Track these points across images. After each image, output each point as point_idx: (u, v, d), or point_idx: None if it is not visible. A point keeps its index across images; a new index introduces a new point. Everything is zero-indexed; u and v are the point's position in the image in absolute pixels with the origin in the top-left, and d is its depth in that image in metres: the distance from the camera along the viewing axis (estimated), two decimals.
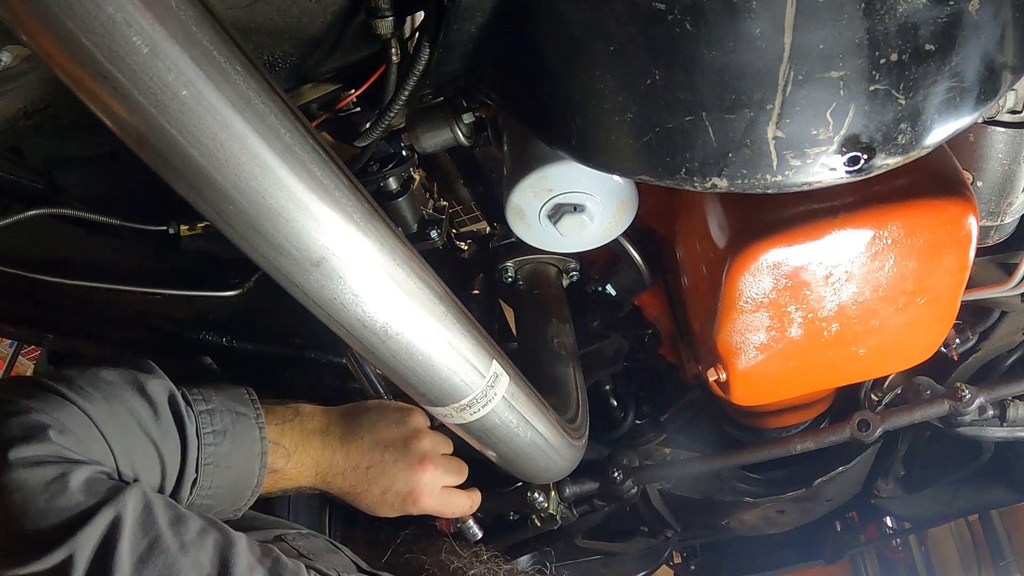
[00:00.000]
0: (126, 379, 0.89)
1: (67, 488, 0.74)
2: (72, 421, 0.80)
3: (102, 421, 0.82)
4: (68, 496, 0.73)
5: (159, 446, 0.86)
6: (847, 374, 1.31)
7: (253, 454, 0.97)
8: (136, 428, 0.85)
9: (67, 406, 0.81)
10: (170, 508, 0.80)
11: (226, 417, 0.95)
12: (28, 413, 0.78)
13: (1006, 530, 3.34)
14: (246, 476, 0.96)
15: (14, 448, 0.74)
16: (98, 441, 0.81)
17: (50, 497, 0.72)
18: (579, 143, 0.86)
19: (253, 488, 0.98)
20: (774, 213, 1.04)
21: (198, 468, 0.91)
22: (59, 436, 0.77)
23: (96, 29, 0.56)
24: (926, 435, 1.92)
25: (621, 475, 1.49)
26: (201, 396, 0.95)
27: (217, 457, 0.92)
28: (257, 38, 0.90)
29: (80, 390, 0.83)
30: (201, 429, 0.92)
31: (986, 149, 1.12)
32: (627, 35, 0.76)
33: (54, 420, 0.78)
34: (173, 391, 0.91)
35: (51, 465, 0.75)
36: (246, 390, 1.01)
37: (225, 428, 0.94)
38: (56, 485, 0.73)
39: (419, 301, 0.82)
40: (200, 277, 1.21)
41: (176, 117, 0.61)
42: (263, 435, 0.98)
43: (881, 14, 0.72)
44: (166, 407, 0.89)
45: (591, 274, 1.54)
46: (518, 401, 1.00)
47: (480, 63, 0.93)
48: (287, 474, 1.03)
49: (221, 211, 0.68)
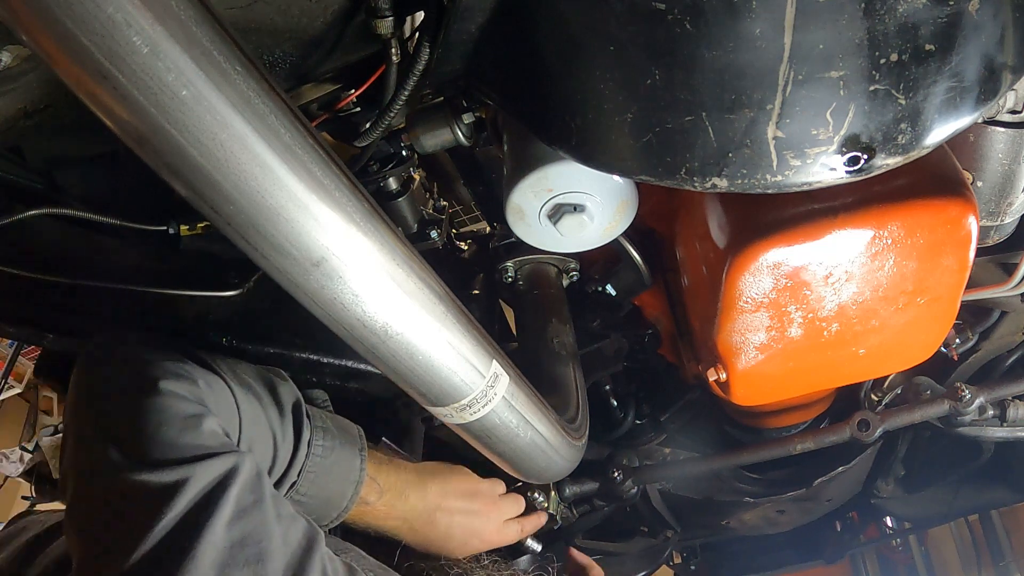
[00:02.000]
0: (262, 376, 1.00)
1: (200, 428, 0.81)
2: (216, 386, 0.90)
3: (240, 399, 0.92)
4: (198, 434, 0.80)
5: (276, 439, 0.95)
6: (847, 374, 1.31)
7: (349, 479, 1.05)
8: (263, 417, 0.95)
9: (215, 377, 0.91)
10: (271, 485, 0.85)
11: (336, 439, 1.04)
12: (183, 363, 0.88)
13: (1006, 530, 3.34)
14: (337, 497, 1.04)
15: (166, 380, 0.83)
16: (233, 411, 0.91)
17: (184, 428, 0.79)
18: (579, 143, 0.86)
19: (340, 510, 1.05)
20: (774, 213, 1.04)
21: (300, 473, 0.99)
22: (206, 388, 0.87)
23: (96, 29, 0.56)
24: (926, 435, 1.92)
25: (621, 475, 1.49)
26: (319, 415, 1.06)
27: (319, 469, 1.00)
28: (257, 38, 0.90)
29: (224, 370, 0.94)
30: (314, 440, 1.00)
31: (986, 149, 1.12)
32: (627, 35, 0.76)
33: (203, 376, 0.89)
34: (299, 400, 1.01)
35: (193, 404, 0.83)
36: (357, 427, 1.11)
37: (333, 447, 1.03)
38: (192, 421, 0.81)
39: (419, 301, 0.82)
40: (200, 277, 1.21)
41: (176, 117, 0.61)
42: (362, 466, 1.06)
43: (881, 14, 0.72)
44: (290, 411, 0.99)
45: (591, 274, 1.54)
46: (518, 401, 1.00)
47: (480, 63, 0.93)
48: (376, 510, 1.11)
49: (221, 211, 0.68)
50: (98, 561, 0.72)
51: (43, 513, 1.17)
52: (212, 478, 0.76)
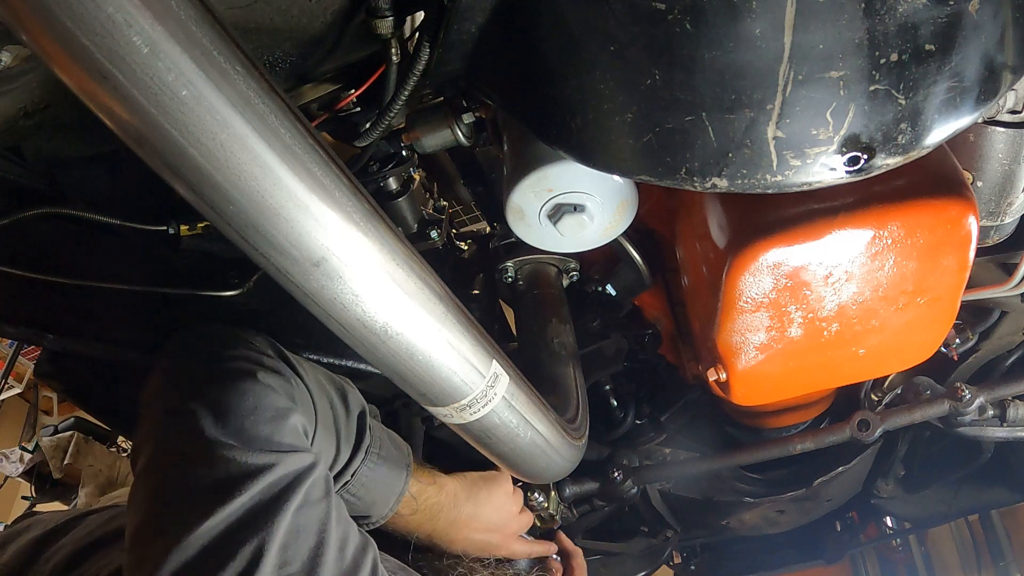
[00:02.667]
0: (333, 381, 1.06)
1: (288, 422, 0.86)
2: (299, 385, 0.96)
3: (316, 401, 0.97)
4: (287, 427, 0.85)
5: (340, 442, 1.01)
6: (847, 374, 1.31)
7: (394, 489, 1.11)
8: (331, 418, 1.00)
9: (296, 379, 0.96)
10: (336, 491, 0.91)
11: (390, 451, 1.11)
12: (275, 359, 0.95)
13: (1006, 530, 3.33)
14: (382, 503, 1.10)
15: (263, 371, 0.89)
16: (310, 411, 0.96)
17: (275, 418, 0.85)
18: (579, 143, 0.86)
19: (380, 517, 1.11)
20: (774, 213, 1.04)
21: (354, 475, 1.04)
22: (296, 386, 0.94)
23: (96, 29, 0.56)
24: (926, 435, 1.92)
25: (621, 475, 1.50)
26: (378, 427, 1.12)
27: (371, 474, 1.06)
28: (257, 38, 0.90)
29: (303, 370, 0.99)
30: (371, 448, 1.07)
31: (986, 149, 1.12)
32: (627, 35, 0.76)
33: (291, 375, 0.95)
34: (365, 409, 1.08)
35: (284, 398, 0.89)
36: (407, 445, 1.17)
37: (386, 457, 1.09)
38: (282, 414, 0.86)
39: (419, 301, 0.82)
40: (200, 277, 1.21)
41: (176, 117, 0.61)
42: (407, 481, 1.13)
43: (881, 14, 0.72)
44: (355, 417, 1.05)
45: (591, 274, 1.54)
46: (518, 401, 1.00)
47: (480, 63, 0.93)
48: (407, 521, 1.17)
49: (221, 211, 0.68)
50: (173, 519, 0.75)
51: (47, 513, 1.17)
52: (292, 469, 0.81)
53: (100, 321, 1.16)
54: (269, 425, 0.84)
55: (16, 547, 1.03)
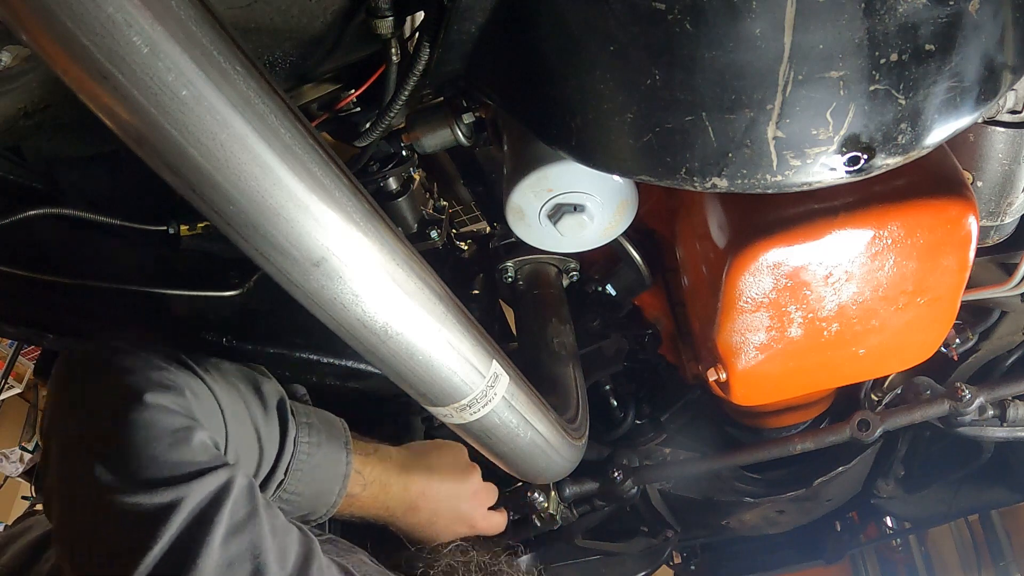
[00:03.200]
0: (245, 375, 0.97)
1: (190, 442, 0.78)
2: (201, 393, 0.87)
3: (224, 403, 0.89)
4: (189, 449, 0.77)
5: (262, 440, 0.93)
6: (847, 374, 1.31)
7: (337, 474, 1.03)
8: (247, 418, 0.93)
9: (198, 380, 0.88)
10: (263, 496, 0.84)
11: (321, 434, 1.02)
12: (167, 371, 0.85)
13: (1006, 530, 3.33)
14: (326, 492, 1.03)
15: (151, 392, 0.80)
16: (218, 418, 0.88)
17: (174, 443, 0.77)
18: (579, 143, 0.86)
19: (329, 506, 1.04)
20: (774, 213, 1.04)
21: (287, 471, 0.97)
22: (192, 398, 0.84)
23: (96, 29, 0.56)
24: (926, 435, 1.92)
25: (621, 475, 1.49)
26: (302, 410, 1.03)
27: (306, 466, 0.99)
28: (257, 38, 0.90)
29: (207, 371, 0.90)
30: (299, 437, 0.98)
31: (986, 149, 1.12)
32: (627, 35, 0.76)
33: (188, 385, 0.85)
34: (283, 397, 0.99)
35: (180, 417, 0.81)
36: (340, 420, 1.09)
37: (319, 442, 1.01)
38: (181, 435, 0.78)
39: (419, 301, 0.82)
40: (200, 277, 1.21)
41: (176, 117, 0.61)
42: (349, 460, 1.05)
43: (881, 14, 0.72)
44: (275, 408, 0.97)
45: (591, 274, 1.54)
46: (518, 401, 1.00)
47: (480, 63, 0.93)
48: (361, 501, 1.10)
49: (221, 211, 0.68)
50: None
51: None
52: (205, 495, 0.74)
53: (100, 321, 1.16)
54: (168, 453, 0.76)
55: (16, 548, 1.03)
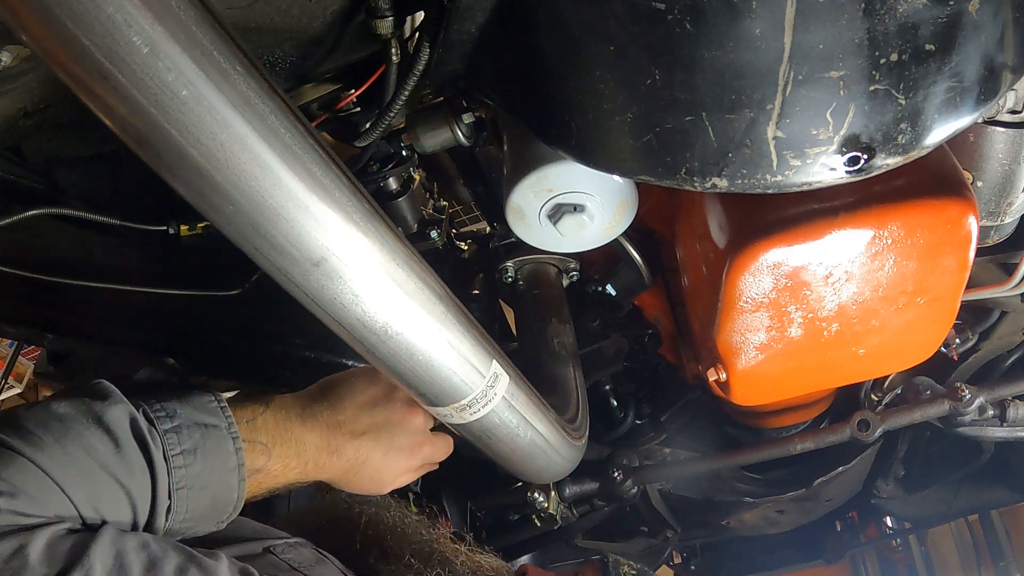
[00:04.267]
0: (80, 411, 0.81)
1: (27, 563, 0.68)
2: (22, 478, 0.73)
3: (56, 469, 0.75)
4: (29, 571, 0.67)
5: (124, 482, 0.80)
6: (847, 374, 1.31)
7: (228, 468, 0.89)
8: (96, 468, 0.78)
9: (16, 460, 0.73)
10: (143, 550, 0.75)
11: (195, 433, 0.87)
12: None
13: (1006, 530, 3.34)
14: (224, 492, 0.90)
15: None
16: (55, 493, 0.75)
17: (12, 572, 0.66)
18: (579, 143, 0.86)
19: (234, 502, 0.92)
20: (774, 213, 1.04)
21: (171, 494, 0.84)
22: (9, 501, 0.71)
23: (96, 29, 0.56)
24: (926, 435, 1.92)
25: (621, 475, 1.49)
26: (165, 412, 0.87)
27: (190, 479, 0.85)
28: (257, 38, 0.90)
29: (29, 436, 0.75)
30: (169, 451, 0.84)
31: (986, 149, 1.12)
32: (627, 35, 0.76)
33: (2, 483, 0.71)
34: (134, 415, 0.83)
35: (5, 538, 0.68)
36: (213, 396, 0.92)
37: (195, 445, 0.87)
38: (15, 562, 0.67)
39: (419, 301, 0.82)
40: (200, 277, 1.21)
41: (176, 117, 0.61)
42: (238, 446, 0.90)
43: (881, 14, 0.72)
44: (128, 435, 0.81)
45: (591, 274, 1.54)
46: (518, 401, 1.00)
47: (480, 63, 0.93)
48: (271, 471, 0.96)
49: (221, 211, 0.68)
50: None
51: None
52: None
53: (100, 321, 1.16)
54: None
55: None
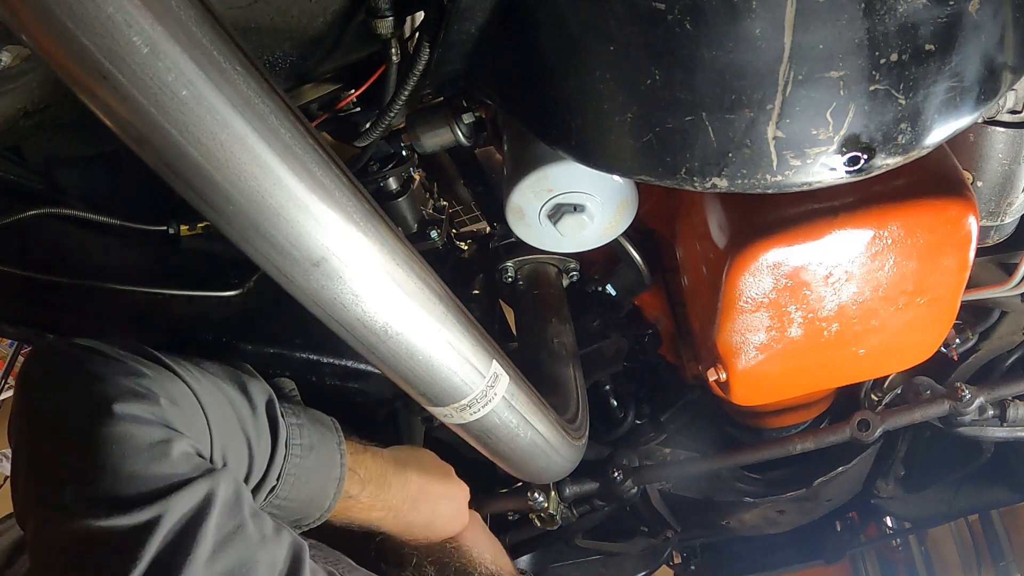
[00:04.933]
0: (230, 374, 0.91)
1: (169, 454, 0.73)
2: (181, 397, 0.81)
3: (208, 405, 0.83)
4: (168, 462, 0.72)
5: (252, 444, 0.88)
6: (847, 374, 1.31)
7: (331, 476, 0.98)
8: (235, 421, 0.87)
9: (177, 381, 0.81)
10: (250, 500, 0.80)
11: (314, 434, 0.97)
12: (141, 376, 0.78)
13: (1006, 530, 3.33)
14: (320, 496, 0.98)
15: (122, 402, 0.74)
16: (201, 422, 0.82)
17: (151, 458, 0.72)
18: (579, 143, 0.86)
19: (323, 510, 0.99)
20: (774, 213, 1.04)
21: (280, 476, 0.92)
22: (169, 405, 0.78)
23: (96, 29, 0.56)
24: (926, 435, 1.92)
25: (621, 475, 1.49)
26: (292, 409, 0.98)
27: (299, 470, 0.94)
28: (257, 38, 0.90)
29: (189, 372, 0.84)
30: (291, 439, 0.93)
31: (986, 149, 1.12)
32: (627, 35, 0.76)
33: (164, 390, 0.79)
34: (272, 397, 0.93)
35: (157, 428, 0.75)
36: (331, 419, 1.03)
37: (312, 444, 0.96)
38: (159, 448, 0.73)
39: (419, 301, 0.82)
40: (200, 277, 1.21)
41: (176, 117, 0.61)
42: (343, 461, 0.99)
43: (881, 14, 0.72)
44: (263, 409, 0.91)
45: (591, 274, 1.54)
46: (518, 401, 1.00)
47: (480, 63, 0.93)
48: (359, 503, 1.05)
49: (221, 211, 0.68)
50: None
51: None
52: (187, 509, 0.70)
53: (100, 321, 1.16)
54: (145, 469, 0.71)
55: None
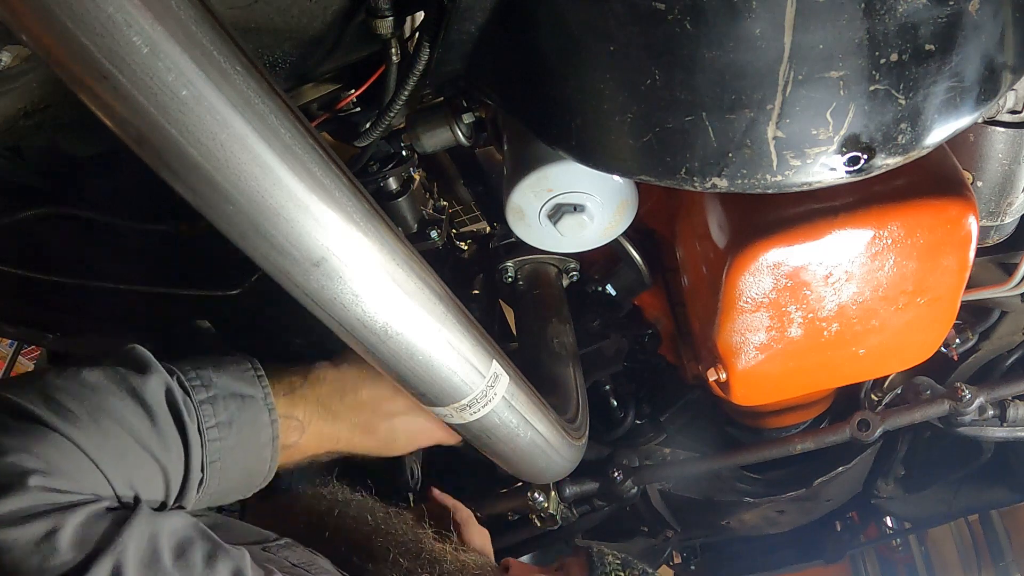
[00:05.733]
0: (116, 383, 0.79)
1: (58, 546, 0.66)
2: (58, 455, 0.71)
3: (92, 447, 0.73)
4: (58, 555, 0.66)
5: (159, 457, 0.79)
6: (847, 374, 1.31)
7: (262, 442, 0.89)
8: (132, 444, 0.77)
9: (50, 436, 0.71)
10: (174, 535, 0.74)
11: (231, 404, 0.86)
12: (6, 455, 0.68)
13: (1006, 530, 3.34)
14: (257, 464, 0.90)
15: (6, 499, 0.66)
16: (90, 471, 0.73)
17: (42, 559, 0.66)
18: (579, 143, 0.86)
19: (265, 474, 0.92)
20: (774, 213, 1.04)
21: (204, 468, 0.83)
22: (45, 479, 0.69)
23: (96, 29, 0.56)
24: (926, 435, 1.92)
25: (621, 475, 1.49)
26: (200, 380, 0.85)
27: (224, 452, 0.85)
28: (257, 38, 0.90)
29: (62, 411, 0.73)
30: (204, 424, 0.83)
31: (986, 149, 1.12)
32: (627, 35, 0.76)
33: (37, 460, 0.69)
34: (170, 385, 0.81)
35: (39, 519, 0.67)
36: (250, 363, 0.91)
37: (231, 418, 0.86)
38: (46, 544, 0.66)
39: (419, 301, 0.82)
40: (200, 277, 1.21)
41: (176, 117, 0.61)
42: (273, 418, 0.90)
43: (881, 14, 0.72)
44: (164, 409, 0.80)
45: (591, 274, 1.54)
46: (518, 401, 1.00)
47: (480, 63, 0.93)
48: (303, 447, 0.96)
49: (221, 211, 0.68)
50: None
51: None
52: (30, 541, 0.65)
53: (100, 321, 1.16)
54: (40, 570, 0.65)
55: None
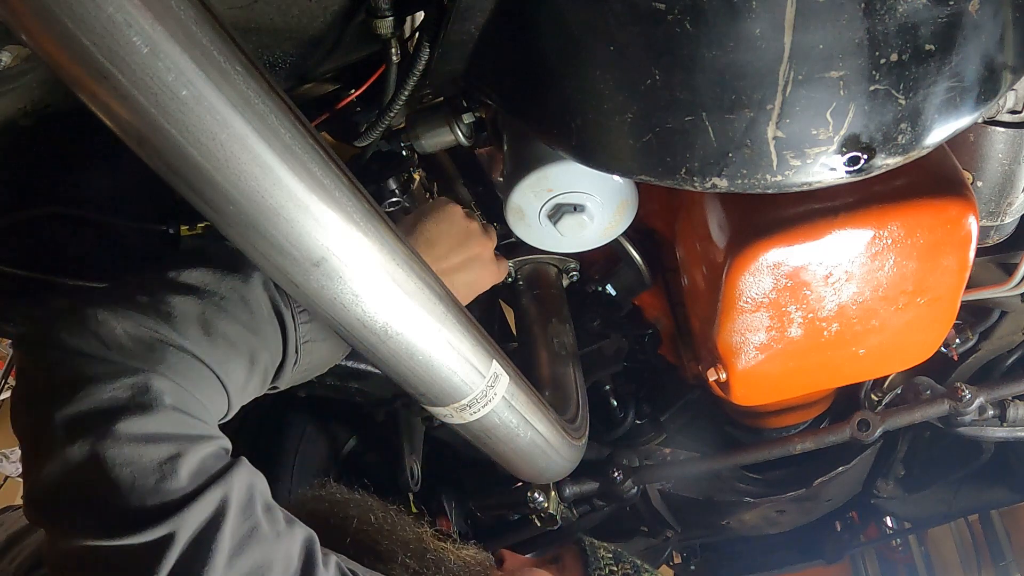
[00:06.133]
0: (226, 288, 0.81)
1: (177, 471, 0.69)
2: (189, 377, 0.74)
3: (217, 363, 0.77)
4: (177, 479, 0.69)
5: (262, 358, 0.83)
6: (847, 374, 1.31)
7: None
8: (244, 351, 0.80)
9: (182, 358, 0.74)
10: (264, 492, 0.78)
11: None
12: (138, 374, 0.71)
13: (1006, 530, 3.34)
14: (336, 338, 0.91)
15: (124, 419, 0.68)
16: (219, 393, 0.78)
17: (160, 478, 0.69)
18: (579, 143, 0.86)
19: (345, 347, 0.94)
20: (774, 213, 1.04)
21: (298, 349, 0.88)
22: (176, 401, 0.72)
23: (96, 29, 0.56)
24: (926, 435, 1.92)
25: (621, 475, 1.49)
26: None
27: (313, 331, 0.89)
28: (257, 38, 0.90)
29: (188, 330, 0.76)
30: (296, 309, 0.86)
31: (986, 149, 1.12)
32: (627, 35, 0.76)
33: (170, 382, 0.72)
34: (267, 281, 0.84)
35: (167, 443, 0.70)
36: None
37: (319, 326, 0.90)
38: (168, 466, 0.69)
39: (419, 301, 0.82)
40: None
41: (176, 117, 0.61)
42: None
43: (881, 14, 0.72)
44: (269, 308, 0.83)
45: (591, 274, 1.54)
46: (518, 401, 1.00)
47: (480, 63, 0.93)
48: None
49: (221, 211, 0.68)
50: None
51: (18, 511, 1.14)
52: (201, 522, 0.69)
53: None
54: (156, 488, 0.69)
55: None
